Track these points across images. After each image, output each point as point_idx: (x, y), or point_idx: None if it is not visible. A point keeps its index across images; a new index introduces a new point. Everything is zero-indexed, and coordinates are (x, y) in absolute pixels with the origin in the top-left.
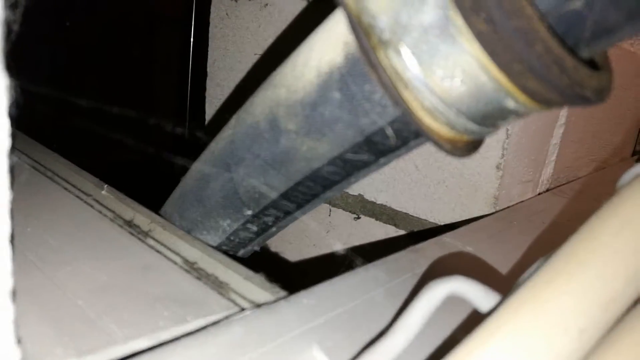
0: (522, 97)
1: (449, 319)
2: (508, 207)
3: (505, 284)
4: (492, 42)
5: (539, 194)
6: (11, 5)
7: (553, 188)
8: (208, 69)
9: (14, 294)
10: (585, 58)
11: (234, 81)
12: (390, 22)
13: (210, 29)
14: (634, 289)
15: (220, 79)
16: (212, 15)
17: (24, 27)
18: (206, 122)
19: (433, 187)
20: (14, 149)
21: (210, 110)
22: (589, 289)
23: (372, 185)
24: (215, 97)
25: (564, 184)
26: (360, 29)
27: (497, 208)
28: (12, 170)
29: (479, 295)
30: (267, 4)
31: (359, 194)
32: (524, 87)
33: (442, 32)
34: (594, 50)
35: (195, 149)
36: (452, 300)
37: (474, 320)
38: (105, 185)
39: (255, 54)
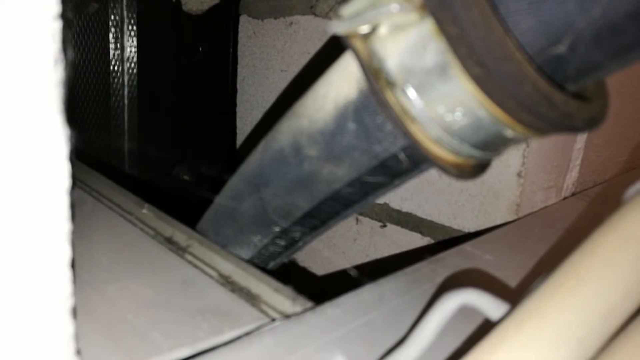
0: (518, 128)
1: (465, 326)
2: (530, 213)
3: (519, 292)
4: (485, 83)
5: (564, 198)
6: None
7: (579, 192)
8: (238, 86)
9: (74, 311)
10: (575, 91)
11: (263, 97)
12: (396, 66)
13: (238, 47)
14: (631, 301)
15: (249, 95)
16: (240, 35)
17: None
18: (237, 133)
19: (456, 195)
20: None
21: (241, 124)
22: (587, 303)
23: (397, 194)
24: (245, 112)
25: (590, 188)
26: (369, 71)
27: (520, 215)
28: (73, 206)
29: (490, 306)
30: (292, 23)
31: (385, 203)
32: (519, 120)
33: (442, 74)
34: (582, 84)
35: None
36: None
37: (487, 328)
38: (146, 204)
39: (282, 71)
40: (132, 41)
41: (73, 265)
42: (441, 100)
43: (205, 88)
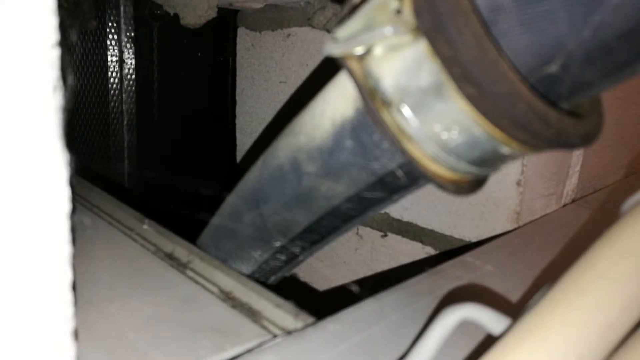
0: (514, 145)
1: (467, 340)
2: (531, 221)
3: (520, 304)
4: (480, 103)
5: (564, 205)
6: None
7: (579, 199)
8: (237, 97)
9: (76, 334)
10: (570, 108)
11: (262, 108)
12: (392, 86)
13: (237, 59)
14: (631, 315)
15: (249, 106)
16: (238, 47)
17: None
18: (237, 145)
19: (456, 204)
20: None
21: (241, 136)
22: (586, 318)
23: (397, 204)
24: (244, 123)
25: (590, 194)
26: (365, 91)
27: (520, 223)
28: (74, 229)
29: (490, 320)
30: (289, 35)
31: (385, 212)
32: (514, 138)
33: (437, 93)
34: (576, 102)
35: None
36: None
37: (489, 342)
38: (146, 220)
39: (280, 82)
40: (131, 56)
41: (74, 286)
42: (437, 119)
43: (205, 100)
